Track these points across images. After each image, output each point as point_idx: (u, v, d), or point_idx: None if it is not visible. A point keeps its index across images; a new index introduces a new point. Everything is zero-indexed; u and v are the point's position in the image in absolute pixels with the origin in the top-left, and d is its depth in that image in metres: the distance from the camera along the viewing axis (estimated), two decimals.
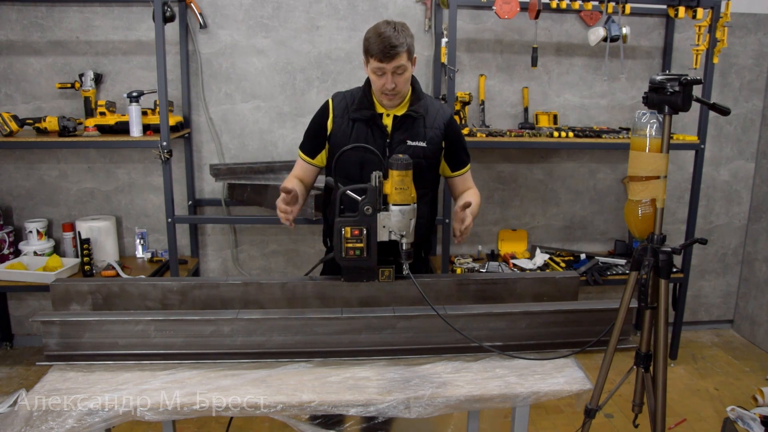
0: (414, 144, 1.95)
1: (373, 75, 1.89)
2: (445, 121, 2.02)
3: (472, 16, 3.34)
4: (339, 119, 1.97)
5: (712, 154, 3.64)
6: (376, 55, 1.83)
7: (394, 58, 1.82)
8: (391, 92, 1.89)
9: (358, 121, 1.96)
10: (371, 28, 1.88)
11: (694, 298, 3.86)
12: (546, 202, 3.64)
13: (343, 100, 2.00)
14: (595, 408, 1.82)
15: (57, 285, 1.75)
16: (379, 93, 1.92)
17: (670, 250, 1.67)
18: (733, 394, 3.10)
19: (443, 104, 2.09)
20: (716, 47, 2.99)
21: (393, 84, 1.86)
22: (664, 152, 1.64)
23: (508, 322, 1.73)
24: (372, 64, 1.86)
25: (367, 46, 1.86)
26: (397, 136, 1.96)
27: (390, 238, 1.69)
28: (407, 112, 1.96)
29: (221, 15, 3.22)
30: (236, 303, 1.77)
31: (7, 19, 3.13)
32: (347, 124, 1.96)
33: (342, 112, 1.98)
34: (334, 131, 1.98)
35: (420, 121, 1.97)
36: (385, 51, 1.81)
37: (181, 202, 3.35)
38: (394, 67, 1.84)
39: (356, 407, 1.48)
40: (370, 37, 1.85)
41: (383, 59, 1.82)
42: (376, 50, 1.82)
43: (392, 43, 1.81)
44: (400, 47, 1.82)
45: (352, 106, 1.97)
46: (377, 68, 1.85)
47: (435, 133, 1.99)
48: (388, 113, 1.97)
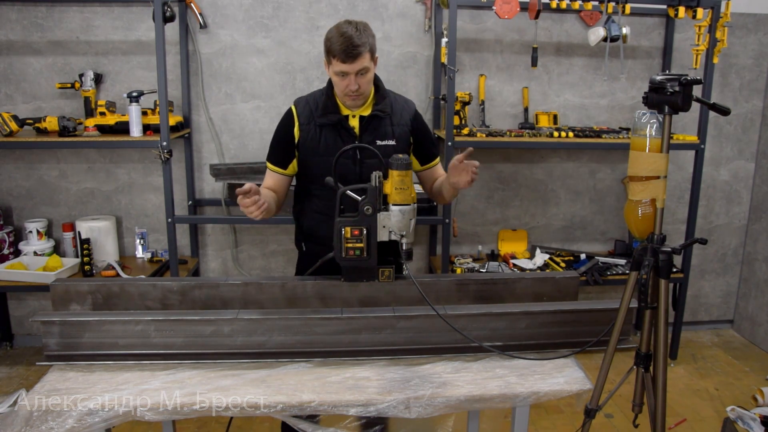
0: (383, 143, 1.94)
1: (335, 77, 1.86)
2: (410, 116, 2.01)
3: (472, 16, 3.34)
4: (305, 126, 1.94)
5: (712, 154, 3.64)
6: (338, 56, 1.80)
7: (356, 59, 1.80)
8: (355, 93, 1.87)
9: (325, 127, 1.93)
10: (332, 28, 1.85)
11: (694, 298, 3.86)
12: (546, 202, 3.64)
13: (307, 105, 1.96)
14: (595, 408, 1.82)
15: (57, 285, 1.75)
16: (343, 94, 1.90)
17: (670, 250, 1.67)
18: (733, 394, 3.10)
19: (407, 100, 2.07)
20: (716, 47, 2.99)
21: (356, 85, 1.84)
22: (664, 152, 1.64)
23: (508, 322, 1.73)
24: (335, 66, 1.83)
25: (328, 47, 1.83)
26: (365, 137, 1.94)
27: (390, 238, 1.69)
28: (373, 112, 1.94)
29: (221, 15, 3.22)
30: (236, 303, 1.77)
31: (7, 19, 3.13)
32: (315, 130, 1.94)
33: (307, 118, 1.94)
34: (302, 139, 1.95)
35: (387, 119, 1.96)
36: (348, 52, 1.78)
37: (181, 202, 3.35)
38: (357, 68, 1.82)
39: (356, 407, 1.48)
40: (331, 37, 1.82)
41: (346, 60, 1.80)
42: (339, 51, 1.79)
43: (354, 44, 1.78)
44: (362, 47, 1.79)
45: (317, 112, 1.93)
46: (340, 70, 1.82)
47: (402, 130, 1.98)
48: (354, 114, 1.95)
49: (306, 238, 2.10)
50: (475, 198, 3.59)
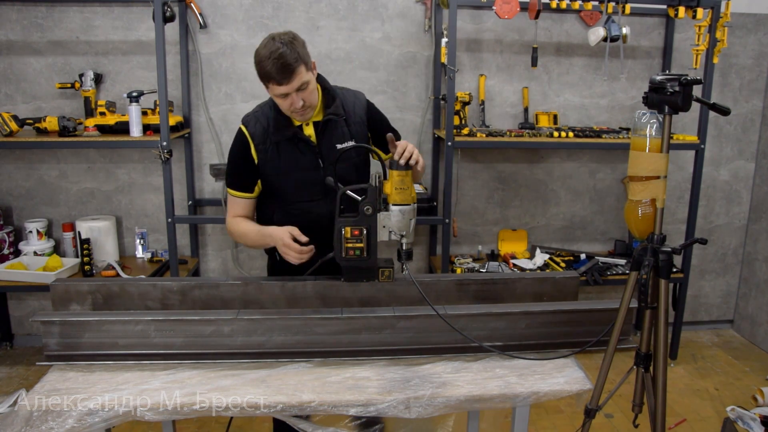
0: (343, 146, 1.90)
1: (277, 98, 1.79)
2: (364, 110, 1.96)
3: (472, 16, 3.34)
4: (261, 146, 1.87)
5: (712, 154, 3.64)
6: (273, 80, 1.72)
7: (293, 78, 1.72)
8: (301, 109, 1.80)
9: (281, 142, 1.87)
10: (260, 49, 1.73)
11: (694, 298, 3.86)
12: (546, 202, 3.64)
13: (258, 123, 1.88)
14: (595, 408, 1.82)
15: (57, 285, 1.75)
16: (289, 113, 1.83)
17: (670, 250, 1.67)
18: (733, 394, 3.10)
19: (356, 93, 1.99)
20: (716, 47, 2.99)
21: (300, 101, 1.78)
22: (664, 152, 1.64)
23: (507, 322, 1.73)
24: (272, 90, 1.76)
25: (261, 72, 1.73)
26: (324, 144, 1.89)
27: (390, 238, 1.69)
28: (327, 117, 1.88)
29: (221, 15, 3.22)
30: (236, 303, 1.77)
31: (7, 19, 3.13)
32: (272, 149, 1.87)
33: (261, 138, 1.87)
34: (261, 160, 1.88)
35: (341, 121, 1.90)
36: (282, 73, 1.70)
37: (181, 202, 3.35)
38: (296, 86, 1.74)
39: (356, 407, 1.48)
40: (261, 61, 1.71)
41: (282, 82, 1.72)
42: (273, 74, 1.70)
43: (287, 62, 1.69)
44: (295, 64, 1.71)
45: (270, 129, 1.86)
46: (279, 93, 1.75)
47: (359, 128, 1.94)
48: (308, 123, 1.89)
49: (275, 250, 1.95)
50: (475, 198, 3.59)
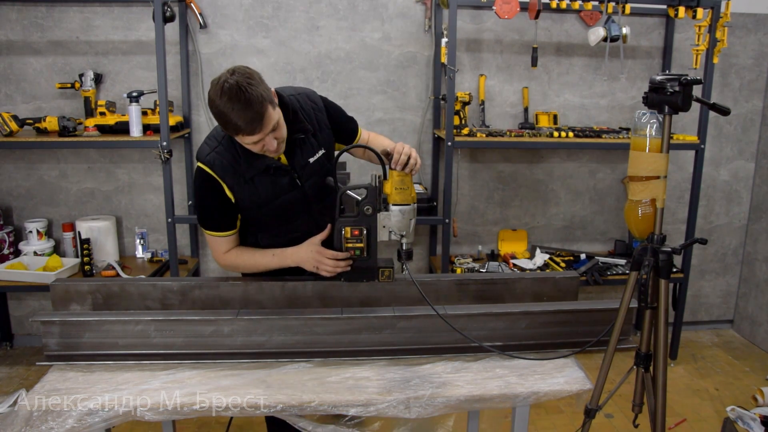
0: (315, 158, 1.81)
1: (249, 146, 1.63)
2: (323, 112, 1.85)
3: (472, 16, 3.34)
4: (236, 185, 1.73)
5: (712, 154, 3.64)
6: (244, 131, 1.54)
7: (264, 125, 1.55)
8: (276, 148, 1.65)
9: (256, 176, 1.73)
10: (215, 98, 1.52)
11: (694, 298, 3.86)
12: (546, 202, 3.64)
13: (223, 164, 1.70)
14: (595, 408, 1.82)
15: (57, 285, 1.75)
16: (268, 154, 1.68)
17: (670, 250, 1.67)
18: (733, 394, 3.10)
19: (309, 95, 1.85)
20: (716, 47, 2.99)
21: (274, 141, 1.62)
22: (664, 152, 1.64)
23: (507, 322, 1.73)
24: (243, 140, 1.59)
25: (226, 125, 1.55)
26: (297, 162, 1.78)
27: (390, 238, 1.69)
28: (293, 138, 1.74)
29: (221, 15, 3.22)
30: (236, 303, 1.77)
31: (7, 19, 3.13)
32: (248, 185, 1.73)
33: (233, 177, 1.71)
34: (239, 197, 1.75)
35: (308, 134, 1.80)
36: (252, 123, 1.53)
37: (181, 202, 3.35)
38: (269, 129, 1.58)
39: (356, 407, 1.48)
40: (224, 113, 1.51)
41: (255, 132, 1.55)
42: (241, 127, 1.53)
43: (255, 111, 1.51)
44: (263, 109, 1.53)
45: (241, 166, 1.70)
46: (252, 141, 1.58)
47: (325, 134, 1.84)
48: None
49: None
50: (475, 198, 3.59)
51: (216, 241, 1.84)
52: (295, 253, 1.79)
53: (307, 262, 1.76)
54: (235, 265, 1.87)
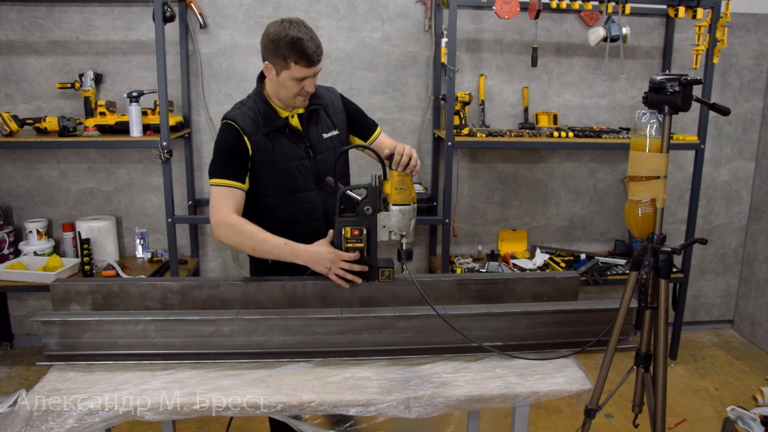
0: (329, 135, 1.95)
1: (290, 81, 1.79)
2: (339, 101, 2.02)
3: (472, 16, 3.34)
4: (254, 137, 1.85)
5: (712, 154, 3.64)
6: (301, 63, 1.75)
7: (318, 64, 1.80)
8: (309, 94, 1.85)
9: (272, 133, 1.87)
10: (279, 31, 1.75)
11: (694, 298, 3.86)
12: (546, 202, 3.64)
13: (246, 118, 1.86)
14: (595, 408, 1.82)
15: (57, 285, 1.75)
16: (293, 97, 1.83)
17: (670, 250, 1.67)
18: (733, 394, 3.10)
19: (329, 87, 2.04)
20: (716, 47, 2.99)
21: (313, 86, 1.83)
22: (664, 152, 1.64)
23: (508, 322, 1.73)
24: (294, 72, 1.76)
25: (285, 54, 1.75)
26: (311, 133, 1.92)
27: (390, 238, 1.69)
28: (311, 107, 1.92)
29: (221, 15, 3.22)
30: (236, 303, 1.77)
31: (7, 19, 3.13)
32: (263, 140, 1.86)
33: (253, 130, 1.85)
34: (255, 150, 1.85)
35: (322, 111, 1.95)
36: (312, 59, 1.76)
37: (181, 202, 3.35)
38: (318, 71, 1.81)
39: (356, 407, 1.48)
40: (288, 42, 1.74)
41: (311, 65, 1.77)
42: (310, 55, 1.75)
43: (315, 49, 1.76)
44: (321, 50, 1.79)
45: (260, 121, 1.86)
46: (302, 75, 1.77)
47: (339, 118, 1.99)
48: (292, 114, 1.92)
49: None
50: (475, 198, 3.59)
51: (223, 194, 1.80)
52: (309, 249, 1.74)
53: (321, 261, 1.72)
54: (238, 230, 1.77)
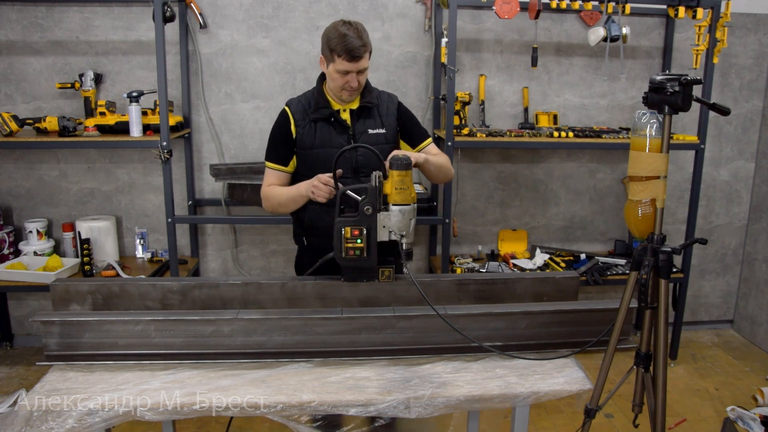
0: (375, 132, 2.06)
1: (335, 74, 1.96)
2: (395, 106, 2.14)
3: (472, 16, 3.34)
4: (301, 122, 2.05)
5: (712, 154, 3.64)
6: (344, 56, 1.91)
7: (360, 59, 1.93)
8: (353, 89, 1.99)
9: (319, 121, 2.04)
10: (334, 27, 1.95)
11: (694, 298, 3.86)
12: (546, 202, 3.64)
13: (299, 104, 2.07)
14: (595, 408, 1.82)
15: (57, 285, 1.75)
16: (340, 90, 1.99)
17: (670, 250, 1.67)
18: (733, 394, 3.10)
19: (390, 94, 2.18)
20: (716, 47, 2.99)
21: (356, 82, 1.97)
22: (664, 152, 1.64)
23: (508, 322, 1.73)
24: (338, 65, 1.93)
25: (332, 47, 1.92)
26: (358, 128, 2.05)
27: (390, 238, 1.69)
28: (362, 104, 2.06)
29: (221, 15, 3.22)
30: (236, 303, 1.77)
31: (7, 19, 3.13)
32: (310, 126, 2.04)
33: (302, 116, 2.05)
34: (299, 135, 2.05)
35: (374, 110, 2.08)
36: (354, 52, 1.90)
37: (181, 202, 3.35)
38: (360, 67, 1.94)
39: (356, 407, 1.48)
40: (336, 37, 1.91)
41: (351, 60, 1.91)
42: (345, 51, 1.90)
43: (359, 44, 1.91)
44: (365, 48, 1.93)
45: (310, 108, 2.05)
46: (344, 69, 1.93)
47: (390, 119, 2.10)
48: (344, 108, 2.06)
49: (307, 232, 2.13)
50: (475, 198, 3.59)
51: (267, 173, 2.13)
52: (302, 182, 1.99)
53: (308, 186, 1.92)
54: (268, 197, 2.11)
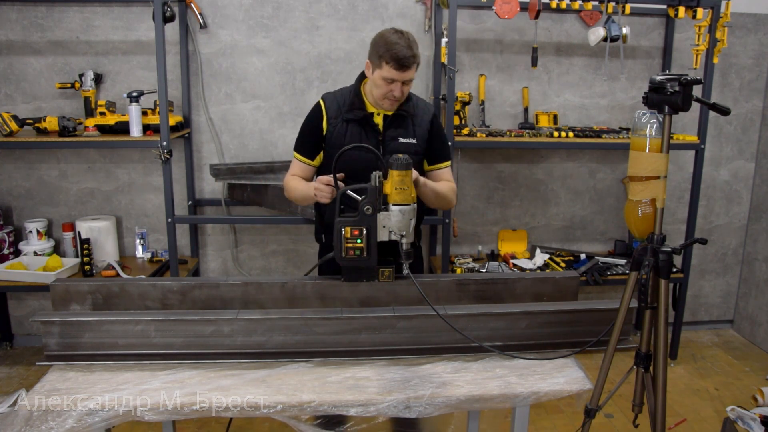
0: (405, 141, 2.04)
1: (381, 81, 1.94)
2: (429, 118, 2.10)
3: (472, 16, 3.34)
4: (333, 120, 2.03)
5: (712, 154, 3.64)
6: (392, 64, 1.89)
7: (407, 70, 1.92)
8: (395, 99, 1.97)
9: (351, 122, 2.02)
10: (383, 35, 1.93)
11: (694, 298, 3.86)
12: (546, 202, 3.64)
13: (335, 101, 2.05)
14: (595, 408, 1.82)
15: (57, 285, 1.75)
16: (382, 97, 1.97)
17: (670, 250, 1.67)
18: (733, 394, 3.10)
19: (427, 103, 2.17)
20: (716, 47, 2.99)
21: (400, 92, 1.95)
22: (664, 152, 1.64)
23: (508, 322, 1.73)
24: (385, 72, 1.91)
25: (380, 53, 1.91)
26: (389, 134, 2.03)
27: (390, 238, 1.69)
28: (397, 112, 2.03)
29: (221, 15, 3.22)
30: (236, 303, 1.77)
31: (7, 19, 3.13)
32: (341, 124, 2.02)
33: (335, 113, 2.03)
34: (330, 132, 2.03)
35: (408, 119, 2.05)
36: (402, 62, 1.89)
37: (181, 202, 3.35)
38: (406, 78, 1.93)
39: (356, 407, 1.48)
40: (386, 44, 1.90)
41: (399, 69, 1.90)
42: (392, 60, 1.89)
43: (408, 55, 1.90)
44: (413, 59, 1.92)
45: (344, 107, 2.03)
46: (390, 77, 1.91)
47: (422, 130, 2.07)
48: (379, 112, 2.04)
49: (327, 230, 2.13)
50: (475, 198, 3.59)
51: (294, 163, 2.13)
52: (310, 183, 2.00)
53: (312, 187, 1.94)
54: (288, 187, 2.11)
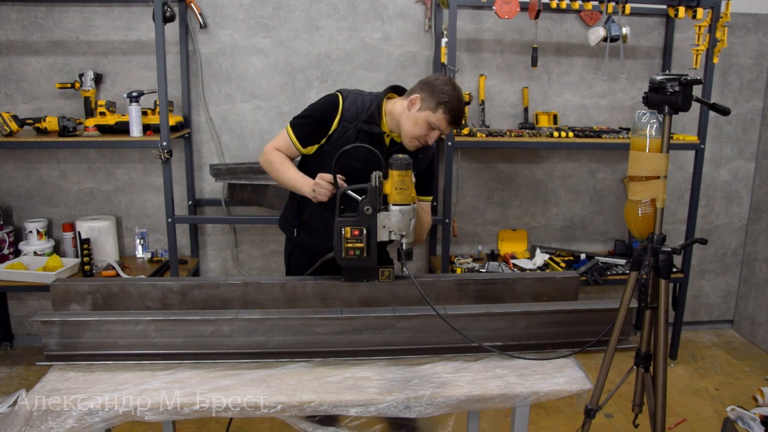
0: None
1: (425, 123, 1.88)
2: (431, 155, 2.09)
3: (472, 16, 3.34)
4: (346, 123, 1.94)
5: (712, 154, 3.64)
6: (447, 117, 1.87)
7: (453, 127, 1.98)
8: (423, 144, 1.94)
9: (362, 132, 1.94)
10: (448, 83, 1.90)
11: (694, 298, 3.86)
12: (546, 202, 3.64)
13: (354, 105, 1.95)
14: (595, 408, 1.82)
15: (57, 285, 1.75)
16: (414, 137, 1.91)
17: (670, 250, 1.67)
18: (733, 394, 3.10)
19: None
20: (716, 47, 2.99)
21: (433, 141, 1.95)
22: (664, 152, 1.64)
23: (508, 322, 1.73)
24: (435, 119, 1.87)
25: (442, 101, 1.86)
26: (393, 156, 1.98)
27: (390, 238, 1.69)
28: None
29: (221, 15, 3.22)
30: (236, 303, 1.77)
31: (7, 19, 3.13)
32: (352, 131, 1.94)
33: (352, 117, 1.94)
34: (337, 132, 1.95)
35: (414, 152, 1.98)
36: (457, 120, 1.91)
37: (181, 202, 3.35)
38: (447, 131, 1.93)
39: (356, 407, 1.48)
40: (451, 95, 1.87)
41: (450, 123, 1.90)
42: (450, 113, 1.87)
43: (462, 116, 1.92)
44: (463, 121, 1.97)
45: (362, 116, 1.94)
46: (438, 126, 1.88)
47: (422, 164, 2.03)
48: (389, 135, 1.99)
49: (300, 226, 2.10)
50: (475, 198, 3.59)
51: (283, 137, 2.00)
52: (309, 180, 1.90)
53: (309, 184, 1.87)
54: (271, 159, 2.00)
